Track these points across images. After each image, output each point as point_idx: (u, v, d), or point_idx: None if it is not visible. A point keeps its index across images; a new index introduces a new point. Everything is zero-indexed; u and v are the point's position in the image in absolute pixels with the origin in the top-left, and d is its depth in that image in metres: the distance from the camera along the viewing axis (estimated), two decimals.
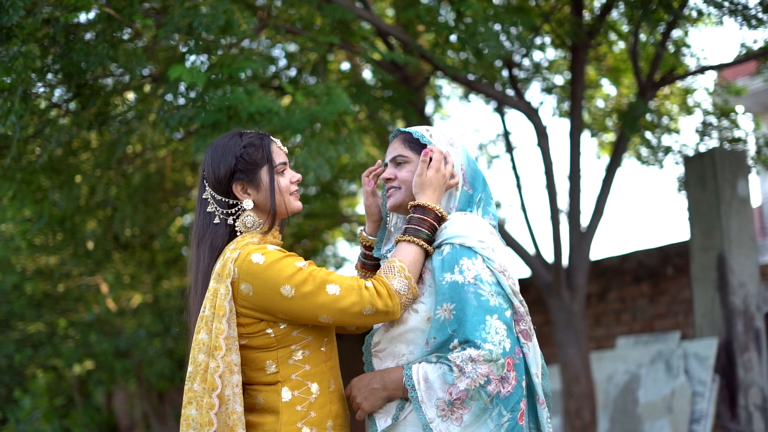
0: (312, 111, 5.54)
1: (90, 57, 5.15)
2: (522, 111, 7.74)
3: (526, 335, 2.91)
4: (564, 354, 7.91)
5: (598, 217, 8.02)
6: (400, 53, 6.59)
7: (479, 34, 6.35)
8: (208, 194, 2.97)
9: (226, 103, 5.23)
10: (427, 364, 2.85)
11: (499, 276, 2.89)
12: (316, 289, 2.77)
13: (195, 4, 5.38)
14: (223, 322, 2.79)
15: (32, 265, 12.93)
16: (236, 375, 2.80)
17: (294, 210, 3.05)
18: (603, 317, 9.35)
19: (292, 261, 2.81)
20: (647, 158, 9.33)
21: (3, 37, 4.87)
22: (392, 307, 2.81)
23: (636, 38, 7.79)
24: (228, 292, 2.80)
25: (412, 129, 3.13)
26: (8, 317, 14.43)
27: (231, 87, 5.39)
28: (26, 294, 13.44)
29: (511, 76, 7.87)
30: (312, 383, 2.88)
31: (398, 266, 2.86)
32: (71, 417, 16.63)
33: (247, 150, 2.97)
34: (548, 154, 7.82)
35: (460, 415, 2.77)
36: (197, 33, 5.33)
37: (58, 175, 7.91)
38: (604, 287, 9.39)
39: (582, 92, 8.07)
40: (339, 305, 2.77)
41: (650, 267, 8.97)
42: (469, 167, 3.13)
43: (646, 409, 8.17)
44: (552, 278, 7.89)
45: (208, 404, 2.77)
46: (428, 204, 2.96)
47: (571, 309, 7.85)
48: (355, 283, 2.80)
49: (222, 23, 5.25)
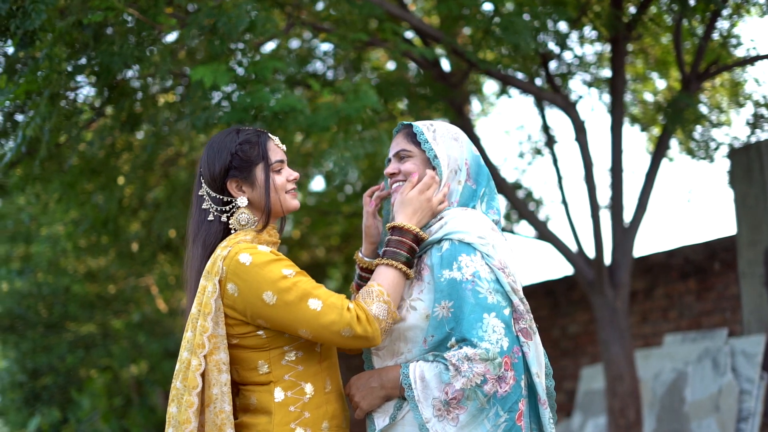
0: (338, 108, 5.50)
1: (114, 58, 5.17)
2: (559, 106, 7.62)
3: (526, 334, 2.84)
4: (607, 352, 7.76)
5: (642, 213, 7.86)
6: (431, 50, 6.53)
7: (514, 26, 6.26)
8: (204, 191, 2.95)
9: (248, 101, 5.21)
10: (424, 363, 2.80)
11: (498, 273, 2.83)
12: (298, 300, 2.72)
13: (220, 4, 5.38)
14: (208, 320, 2.76)
15: (82, 267, 13.10)
16: (224, 374, 2.76)
17: (290, 209, 3.00)
18: (650, 314, 9.17)
19: (279, 266, 2.76)
20: (697, 152, 9.14)
21: (27, 40, 4.91)
22: (371, 332, 2.73)
23: (679, 29, 7.62)
24: (215, 290, 2.77)
25: (415, 123, 3.08)
26: (62, 319, 14.62)
27: (256, 86, 5.37)
28: (78, 296, 13.61)
29: (546, 71, 7.75)
30: (306, 384, 2.83)
31: (376, 290, 2.79)
32: (129, 417, 16.81)
33: (243, 147, 2.94)
34: (587, 149, 7.68)
35: (456, 415, 2.72)
36: (222, 33, 5.32)
37: (99, 176, 7.99)
38: (651, 284, 9.21)
39: (623, 86, 7.91)
40: (319, 321, 2.71)
41: (697, 262, 8.78)
42: (474, 162, 3.07)
43: (693, 408, 7.99)
44: (594, 275, 7.75)
45: (187, 402, 2.74)
46: (405, 225, 2.88)
47: (615, 306, 7.70)
48: (339, 302, 2.73)
49: (246, 23, 5.23)
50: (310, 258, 13.33)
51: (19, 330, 15.00)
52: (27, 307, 14.30)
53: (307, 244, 13.14)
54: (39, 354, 15.37)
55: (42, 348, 15.28)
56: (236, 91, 5.47)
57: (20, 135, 5.27)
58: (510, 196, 8.21)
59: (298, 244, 13.03)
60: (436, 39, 6.86)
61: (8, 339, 15.60)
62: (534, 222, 8.17)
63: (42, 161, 5.84)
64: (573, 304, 10.06)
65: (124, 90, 5.97)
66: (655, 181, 7.95)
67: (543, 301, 10.61)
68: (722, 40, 8.04)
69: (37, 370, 16.19)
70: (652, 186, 7.93)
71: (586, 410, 9.29)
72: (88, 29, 5.31)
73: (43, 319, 14.69)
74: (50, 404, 16.90)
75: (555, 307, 10.41)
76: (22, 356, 15.91)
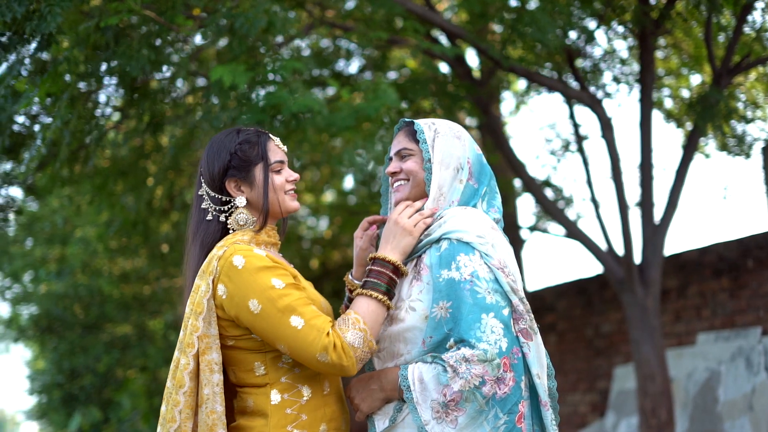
0: (357, 107, 5.48)
1: (132, 62, 5.18)
2: (585, 103, 7.54)
3: (526, 334, 2.79)
4: (638, 351, 7.66)
5: (673, 210, 7.76)
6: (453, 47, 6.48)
7: (538, 23, 6.20)
8: (204, 191, 2.93)
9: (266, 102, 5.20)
10: (422, 365, 2.76)
11: (497, 273, 2.78)
12: (281, 314, 2.68)
13: (237, 4, 5.37)
14: (199, 319, 2.74)
15: (117, 269, 13.20)
16: (216, 374, 2.74)
17: (289, 209, 2.98)
18: (683, 313, 9.03)
19: (269, 275, 2.73)
20: (732, 148, 8.99)
21: (44, 43, 4.93)
22: (346, 361, 2.68)
23: (709, 24, 7.50)
24: (208, 290, 2.75)
25: (417, 121, 3.04)
26: (98, 320, 14.76)
27: (275, 86, 5.35)
28: (114, 297, 13.73)
29: (572, 67, 7.67)
30: (303, 386, 2.80)
31: (353, 318, 2.74)
32: None
33: (242, 147, 2.92)
34: (614, 146, 7.60)
35: (455, 417, 2.68)
36: (240, 34, 5.31)
37: (128, 178, 8.04)
38: (684, 282, 9.07)
39: (652, 81, 7.81)
40: (297, 340, 2.67)
41: (730, 260, 8.63)
42: (476, 161, 3.03)
43: (726, 408, 7.86)
44: (624, 274, 7.66)
45: (174, 401, 2.73)
46: (387, 257, 2.85)
47: (645, 305, 7.60)
48: (321, 324, 2.69)
49: (264, 24, 5.22)
50: (341, 257, 13.33)
51: (57, 331, 15.17)
52: (64, 308, 14.45)
53: (339, 243, 13.14)
54: (77, 355, 15.53)
55: (79, 349, 15.43)
56: (255, 91, 5.46)
57: (40, 137, 5.30)
58: (538, 194, 8.14)
59: (330, 244, 13.03)
60: (459, 36, 6.81)
61: (46, 340, 15.79)
62: (563, 220, 8.10)
63: (63, 163, 5.87)
64: (606, 303, 9.95)
65: (145, 92, 5.98)
66: (685, 178, 7.84)
67: (576, 299, 10.51)
68: (755, 34, 7.91)
69: (74, 371, 16.36)
70: (682, 183, 7.82)
71: (619, 410, 9.19)
72: (108, 32, 5.33)
73: (80, 321, 14.84)
74: (87, 404, 17.06)
75: (588, 306, 10.30)
76: (59, 357, 16.09)
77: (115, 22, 5.00)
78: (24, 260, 13.57)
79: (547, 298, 10.93)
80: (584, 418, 10.20)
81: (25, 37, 4.89)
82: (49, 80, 5.15)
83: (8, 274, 14.42)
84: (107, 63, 5.44)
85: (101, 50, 5.54)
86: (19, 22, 4.77)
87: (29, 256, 13.58)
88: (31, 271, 14.20)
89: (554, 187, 9.77)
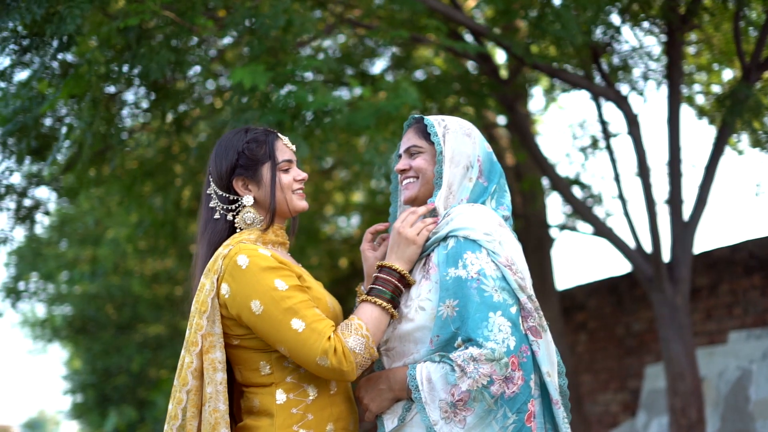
0: (378, 106, 5.46)
1: (152, 64, 5.20)
2: (610, 99, 7.47)
3: (535, 332, 2.76)
4: (668, 350, 7.58)
5: (702, 207, 7.66)
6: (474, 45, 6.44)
7: (561, 19, 6.15)
8: (212, 190, 2.93)
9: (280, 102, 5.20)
10: (431, 364, 2.73)
11: (504, 270, 2.75)
12: (282, 316, 2.68)
13: (257, 4, 5.38)
14: (203, 318, 2.74)
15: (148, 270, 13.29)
16: (220, 372, 2.74)
17: (297, 209, 2.97)
18: (714, 311, 8.93)
19: (273, 275, 2.72)
20: (765, 144, 8.88)
21: (64, 45, 4.96)
22: (346, 366, 2.67)
23: (737, 19, 7.41)
24: (213, 288, 2.75)
25: (427, 117, 3.02)
26: (131, 321, 14.87)
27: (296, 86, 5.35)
28: (147, 298, 13.83)
29: (597, 64, 7.60)
30: (308, 386, 2.79)
31: (355, 324, 2.74)
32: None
33: (250, 145, 2.92)
34: (640, 143, 7.52)
35: (464, 417, 2.65)
36: (259, 34, 5.32)
37: (155, 179, 8.08)
38: (715, 280, 8.97)
39: (680, 77, 7.72)
40: (297, 342, 2.67)
41: (762, 257, 8.52)
42: (486, 159, 3.01)
43: (758, 407, 7.76)
44: (653, 272, 7.58)
45: (177, 399, 2.75)
46: (393, 265, 2.84)
47: (675, 303, 7.52)
48: (321, 327, 2.68)
49: (283, 23, 5.22)
50: None
51: (91, 332, 15.30)
52: (97, 309, 14.58)
53: None
54: (110, 355, 15.66)
55: (113, 349, 15.56)
56: (276, 91, 5.46)
57: (62, 139, 5.34)
58: (565, 192, 8.09)
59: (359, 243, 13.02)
60: (482, 34, 6.78)
61: (80, 341, 15.92)
62: (590, 218, 8.04)
63: (86, 165, 5.91)
64: (637, 301, 9.86)
65: (168, 93, 6.01)
66: (715, 175, 7.75)
67: (607, 298, 10.43)
68: None
69: (107, 370, 16.50)
70: (712, 180, 7.73)
71: (651, 409, 9.10)
72: (131, 33, 5.35)
73: (113, 321, 14.95)
74: (120, 404, 17.20)
75: (619, 305, 10.22)
76: (93, 358, 16.23)
77: (136, 23, 5.02)
78: (57, 261, 13.70)
79: (578, 297, 10.85)
80: (616, 417, 10.12)
81: (45, 40, 4.92)
82: (71, 82, 5.18)
83: (43, 275, 14.58)
84: (129, 65, 5.46)
85: (123, 52, 5.57)
86: (39, 24, 4.80)
87: (62, 257, 13.71)
88: (66, 272, 14.34)
89: (582, 185, 9.69)
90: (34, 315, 18.15)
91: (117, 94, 6.13)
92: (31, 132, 5.99)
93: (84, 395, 18.03)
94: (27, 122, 5.85)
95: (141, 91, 6.33)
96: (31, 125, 5.96)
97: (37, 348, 19.82)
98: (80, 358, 17.96)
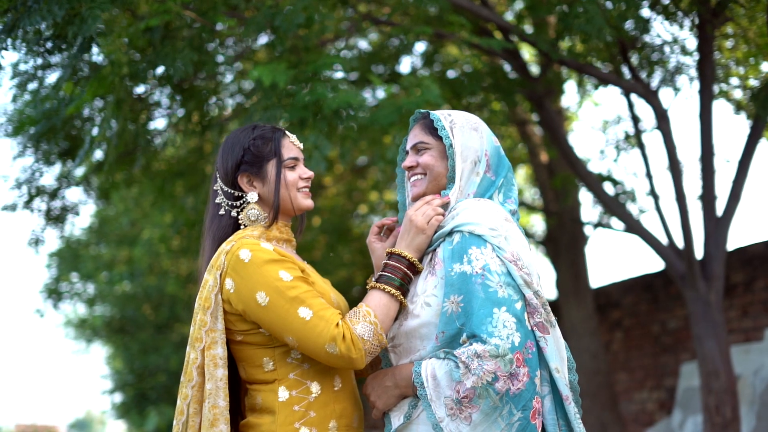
0: (400, 104, 5.45)
1: (174, 63, 5.23)
2: (639, 94, 7.39)
3: (542, 328, 2.73)
4: (702, 347, 7.48)
5: (735, 203, 7.54)
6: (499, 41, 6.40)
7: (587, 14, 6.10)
8: (218, 186, 2.95)
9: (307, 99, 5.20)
10: (436, 361, 2.71)
11: (509, 266, 2.72)
12: (288, 306, 2.67)
13: (277, 2, 5.38)
14: (207, 314, 2.75)
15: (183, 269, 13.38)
16: (220, 369, 2.74)
17: (302, 207, 2.97)
18: (750, 308, 8.81)
19: (277, 268, 2.72)
20: None
21: (85, 46, 5.00)
22: (355, 353, 2.66)
23: None
24: (216, 284, 2.76)
25: (433, 113, 3.00)
26: (168, 321, 14.98)
27: (315, 84, 5.35)
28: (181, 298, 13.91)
29: (626, 58, 7.52)
30: (312, 382, 2.78)
31: (364, 311, 2.72)
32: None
33: (256, 142, 2.93)
34: (670, 138, 7.42)
35: (469, 414, 2.62)
36: (280, 31, 5.32)
37: (186, 179, 8.13)
38: (751, 276, 8.85)
39: (712, 71, 7.62)
40: (305, 331, 2.65)
41: None
42: (494, 153, 2.99)
43: None
44: (685, 268, 7.49)
45: (183, 394, 2.76)
46: (402, 252, 2.83)
47: (708, 300, 7.42)
48: (329, 315, 2.67)
49: (302, 21, 5.22)
50: None
51: (129, 331, 15.44)
52: (135, 309, 14.70)
53: None
54: (148, 354, 15.79)
55: (151, 349, 15.69)
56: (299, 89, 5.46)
57: (87, 140, 5.38)
58: (596, 189, 8.02)
59: None
60: (509, 30, 6.74)
61: (118, 341, 16.08)
62: (622, 215, 7.95)
63: (112, 166, 5.96)
64: (672, 299, 9.76)
65: (192, 93, 6.04)
66: (749, 170, 7.64)
67: (642, 295, 10.33)
68: None
69: (146, 370, 16.64)
70: (746, 175, 7.61)
71: (686, 407, 9.00)
72: (155, 33, 5.39)
73: (151, 321, 15.08)
74: (158, 403, 17.34)
75: (654, 302, 10.12)
76: (131, 357, 16.38)
77: (157, 23, 5.05)
78: (95, 262, 13.84)
79: (613, 294, 10.76)
80: (652, 416, 10.02)
81: (69, 41, 4.96)
82: (95, 83, 5.22)
83: (84, 275, 14.75)
84: (152, 65, 5.50)
85: (147, 52, 5.61)
86: (61, 26, 4.84)
87: (99, 259, 13.85)
88: (105, 272, 14.49)
89: (615, 181, 9.59)
90: (77, 315, 18.39)
91: (145, 95, 6.17)
92: (59, 133, 6.05)
93: (123, 394, 18.20)
94: (56, 123, 5.92)
95: (166, 91, 6.36)
96: (60, 127, 6.03)
97: (80, 348, 20.09)
98: (120, 357, 18.13)
